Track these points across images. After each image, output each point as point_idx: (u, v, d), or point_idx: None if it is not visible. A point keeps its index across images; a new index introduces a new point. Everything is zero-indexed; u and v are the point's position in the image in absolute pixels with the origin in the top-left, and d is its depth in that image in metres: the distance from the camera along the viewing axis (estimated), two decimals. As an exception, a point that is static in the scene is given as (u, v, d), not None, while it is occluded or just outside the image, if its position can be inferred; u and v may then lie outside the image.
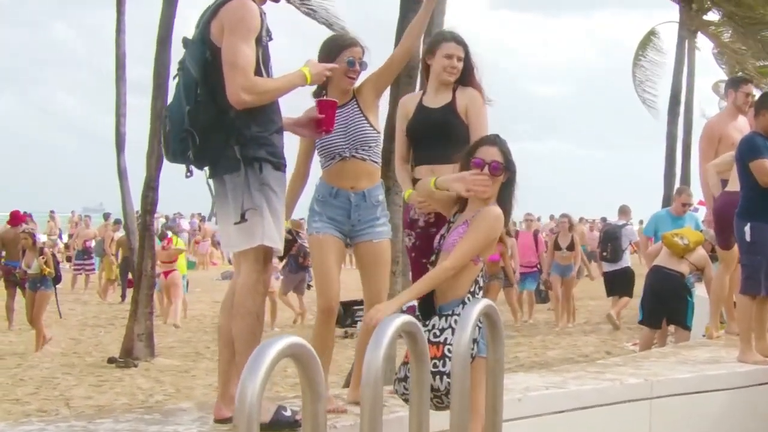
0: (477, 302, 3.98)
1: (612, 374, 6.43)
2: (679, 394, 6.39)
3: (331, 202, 5.35)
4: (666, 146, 22.65)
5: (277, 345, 2.86)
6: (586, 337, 15.43)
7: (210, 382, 11.48)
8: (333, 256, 5.32)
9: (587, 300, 22.52)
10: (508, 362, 12.51)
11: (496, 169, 4.72)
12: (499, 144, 4.81)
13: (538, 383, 6.03)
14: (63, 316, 18.54)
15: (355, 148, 5.35)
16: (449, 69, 5.57)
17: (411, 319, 3.51)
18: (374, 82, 5.49)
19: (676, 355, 7.53)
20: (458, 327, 3.88)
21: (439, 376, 4.40)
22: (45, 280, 14.62)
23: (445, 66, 5.57)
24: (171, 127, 4.71)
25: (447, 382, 4.33)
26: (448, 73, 5.58)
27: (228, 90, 4.55)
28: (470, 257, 4.63)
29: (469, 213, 4.78)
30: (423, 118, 5.70)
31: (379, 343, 3.31)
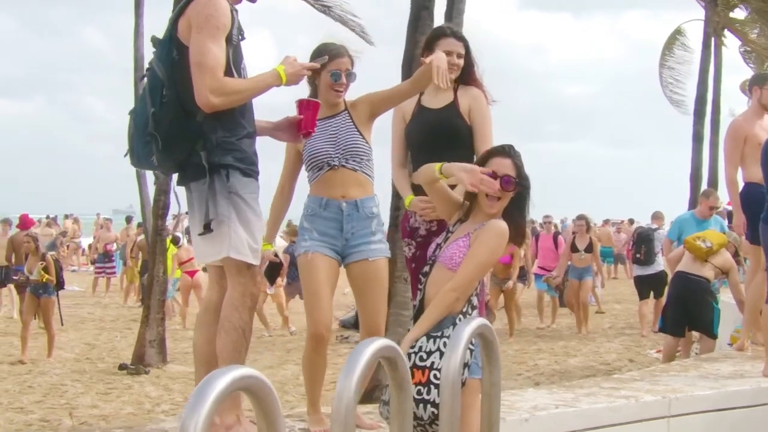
0: (469, 322, 3.63)
1: (628, 390, 6.06)
2: (699, 412, 6.01)
3: (321, 215, 5.01)
4: (692, 147, 22.08)
5: (225, 377, 2.52)
6: (609, 344, 15.01)
7: (220, 390, 11.17)
8: (324, 277, 4.96)
9: (613, 304, 22.10)
10: (527, 370, 12.30)
11: (508, 183, 4.37)
12: (513, 156, 4.45)
13: (547, 401, 5.67)
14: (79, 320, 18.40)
15: (345, 158, 5.01)
16: (449, 66, 5.24)
17: (389, 343, 3.16)
18: (372, 104, 5.13)
19: (698, 369, 7.14)
20: (448, 349, 3.53)
21: (423, 404, 4.06)
22: (47, 286, 14.33)
23: None
24: (135, 130, 4.47)
25: (431, 411, 4.02)
26: (449, 70, 5.26)
27: (195, 92, 4.28)
28: (477, 278, 4.31)
29: (471, 225, 4.44)
30: (423, 119, 5.38)
31: (352, 371, 2.96)
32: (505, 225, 4.34)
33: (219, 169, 4.37)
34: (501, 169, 4.37)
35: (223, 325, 4.41)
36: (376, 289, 5.05)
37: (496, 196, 4.35)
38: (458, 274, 4.26)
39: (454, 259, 4.32)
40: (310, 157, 5.04)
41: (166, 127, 4.33)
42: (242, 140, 4.46)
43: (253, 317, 4.54)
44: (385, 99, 5.13)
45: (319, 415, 5.00)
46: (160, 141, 4.33)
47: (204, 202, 4.39)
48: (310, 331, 4.97)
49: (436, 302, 4.27)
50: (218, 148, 4.37)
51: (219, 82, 4.26)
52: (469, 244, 4.31)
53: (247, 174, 4.46)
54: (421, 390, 4.07)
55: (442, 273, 4.37)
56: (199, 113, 4.32)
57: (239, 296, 4.42)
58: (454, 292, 4.23)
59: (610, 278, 31.51)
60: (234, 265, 4.44)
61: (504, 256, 14.78)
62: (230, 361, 4.34)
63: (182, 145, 4.37)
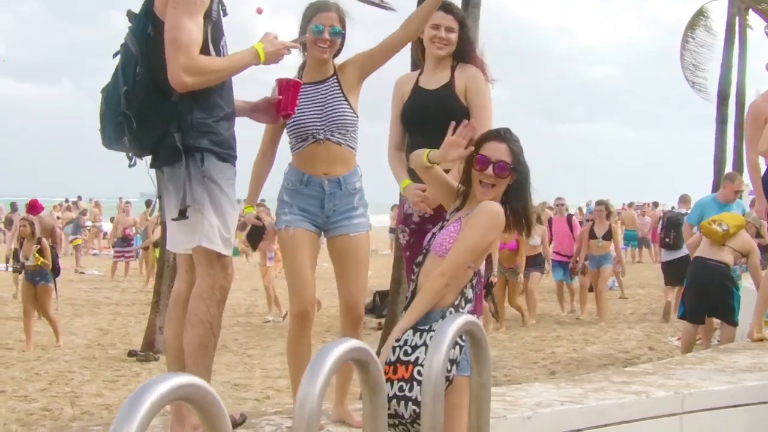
0: (455, 318, 3.34)
1: (639, 385, 5.76)
2: (714, 409, 5.70)
3: (302, 191, 4.80)
4: (716, 129, 21.60)
5: (162, 385, 2.24)
6: (630, 330, 14.68)
7: (228, 378, 10.98)
8: (306, 252, 4.78)
9: (636, 288, 21.75)
10: (544, 358, 11.99)
11: (502, 170, 4.08)
12: (509, 140, 4.15)
13: (552, 397, 5.38)
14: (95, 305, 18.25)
15: (330, 131, 4.79)
16: (436, 40, 4.95)
17: (359, 344, 2.89)
18: (361, 63, 4.91)
19: (714, 361, 6.82)
20: (431, 348, 3.26)
21: (404, 401, 3.79)
22: (44, 273, 14.05)
23: (432, 37, 4.97)
24: (106, 109, 4.23)
25: (413, 409, 3.75)
26: (436, 45, 4.98)
27: (168, 70, 4.03)
28: (468, 261, 4.01)
29: (465, 211, 4.16)
30: (419, 101, 5.10)
31: (315, 376, 2.69)
32: (498, 206, 4.06)
33: (194, 153, 4.14)
34: (495, 155, 4.09)
35: (190, 318, 4.18)
36: (356, 264, 4.85)
37: (490, 183, 4.07)
38: (447, 258, 3.99)
39: (444, 246, 4.04)
40: (294, 127, 4.84)
41: (139, 106, 4.10)
42: (219, 122, 4.22)
43: (223, 310, 4.29)
44: (375, 54, 4.89)
45: None
46: (134, 121, 4.08)
47: (180, 186, 4.16)
48: (295, 309, 4.79)
49: (425, 290, 4.01)
50: (193, 129, 4.14)
51: (193, 60, 4.02)
52: (459, 230, 4.03)
53: (224, 159, 4.22)
54: (404, 386, 3.80)
55: (434, 262, 4.10)
56: (174, 93, 4.07)
57: (208, 288, 4.18)
58: (443, 277, 3.95)
59: (634, 262, 31.13)
60: (204, 254, 4.20)
61: (510, 242, 14.38)
62: (197, 357, 4.14)
63: (156, 126, 4.14)
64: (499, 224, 4.07)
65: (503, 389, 5.72)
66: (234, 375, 11.26)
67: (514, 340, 13.79)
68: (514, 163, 4.09)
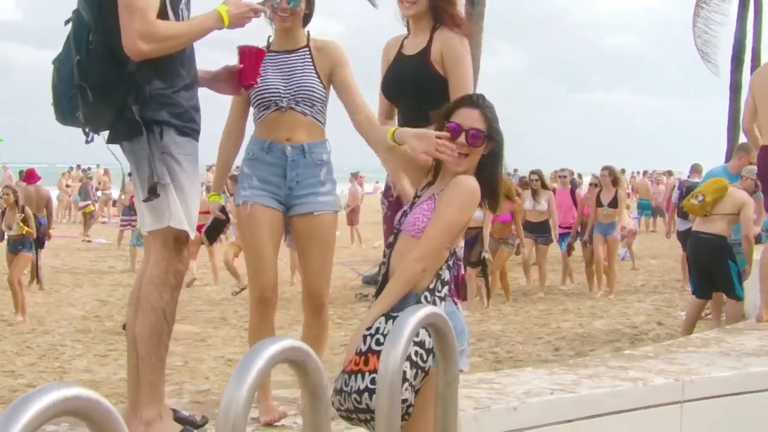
0: (417, 309, 2.97)
1: (637, 371, 5.39)
2: (717, 397, 5.33)
3: (262, 159, 4.45)
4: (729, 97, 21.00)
5: (44, 398, 1.90)
6: (639, 303, 14.30)
7: (223, 353, 10.73)
8: (266, 232, 4.43)
9: (648, 259, 21.32)
10: (549, 333, 11.63)
11: (475, 138, 3.70)
12: (483, 107, 3.78)
13: (543, 384, 5.02)
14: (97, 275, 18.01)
15: (295, 100, 4.45)
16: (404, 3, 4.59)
17: (295, 343, 2.54)
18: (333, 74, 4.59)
19: (719, 343, 6.43)
20: (387, 344, 2.90)
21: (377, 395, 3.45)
22: (26, 241, 13.71)
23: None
24: (59, 81, 3.88)
25: None
26: (404, 4, 4.59)
27: (123, 37, 3.71)
28: (445, 242, 3.65)
29: (437, 187, 3.79)
30: (395, 68, 4.74)
31: (242, 380, 2.35)
32: (473, 181, 3.70)
33: (152, 126, 3.80)
34: (467, 122, 3.72)
35: (141, 305, 3.87)
36: (321, 247, 4.51)
37: (463, 153, 3.70)
38: (422, 239, 3.63)
39: (417, 225, 3.68)
40: (257, 94, 4.49)
41: (95, 77, 3.78)
42: (180, 92, 3.89)
43: (177, 297, 3.95)
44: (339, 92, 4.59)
45: (269, 402, 4.43)
46: (89, 93, 3.74)
47: (141, 163, 3.84)
48: (255, 295, 4.47)
49: (399, 274, 3.65)
50: (152, 101, 3.81)
51: (149, 26, 3.70)
52: (433, 208, 3.67)
53: (184, 132, 3.89)
54: (376, 378, 3.46)
55: (407, 242, 3.74)
56: (132, 61, 3.73)
57: (161, 273, 3.86)
58: (420, 261, 3.60)
59: (648, 231, 30.64)
60: (160, 236, 3.87)
61: (503, 215, 13.90)
62: (149, 347, 3.85)
63: (112, 98, 3.81)
64: (476, 200, 3.72)
65: (492, 375, 5.37)
66: (229, 350, 10.98)
67: (519, 314, 13.45)
68: (489, 131, 3.73)
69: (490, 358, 10.05)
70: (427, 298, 3.64)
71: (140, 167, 3.84)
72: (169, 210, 3.83)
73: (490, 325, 12.41)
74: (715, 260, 9.53)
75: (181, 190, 3.86)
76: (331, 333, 11.66)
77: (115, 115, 3.83)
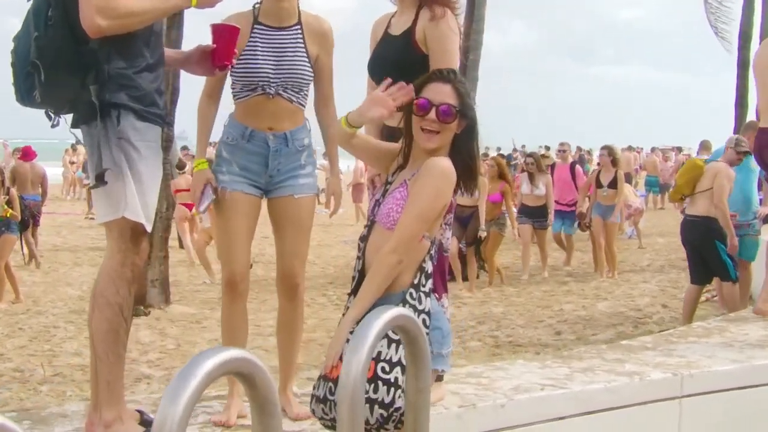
0: (383, 311, 2.72)
1: (634, 364, 5.14)
2: (718, 391, 5.08)
3: (243, 147, 4.25)
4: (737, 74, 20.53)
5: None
6: (644, 284, 14.03)
7: (217, 336, 10.34)
8: (243, 220, 4.27)
9: (656, 237, 21.02)
10: (550, 316, 11.38)
11: (446, 114, 3.48)
12: (454, 81, 3.56)
13: (534, 379, 4.78)
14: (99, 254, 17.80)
15: (284, 86, 4.23)
16: None
17: (242, 353, 2.29)
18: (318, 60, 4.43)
19: (722, 333, 6.17)
20: (349, 350, 2.65)
21: (368, 404, 3.26)
22: (9, 223, 13.40)
23: None
24: (16, 59, 3.64)
25: (380, 413, 3.27)
26: None
27: (81, 12, 3.46)
28: (420, 231, 3.42)
29: (409, 171, 3.55)
30: (380, 50, 4.50)
31: (178, 394, 2.11)
32: (446, 162, 3.49)
33: (109, 110, 3.54)
34: (438, 97, 3.51)
35: (96, 300, 3.65)
36: (299, 230, 4.35)
37: (434, 130, 3.47)
38: (396, 229, 3.41)
39: (391, 216, 3.46)
40: (243, 73, 4.25)
41: (52, 55, 3.53)
42: (141, 73, 3.64)
43: (134, 291, 3.72)
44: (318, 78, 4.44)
45: (236, 397, 4.21)
46: (43, 72, 3.50)
47: (96, 149, 3.60)
48: (224, 279, 4.32)
49: (375, 270, 3.44)
50: (111, 82, 3.57)
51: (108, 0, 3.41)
52: (406, 196, 3.43)
53: (144, 117, 3.64)
54: (366, 387, 3.25)
55: (382, 235, 3.52)
56: (92, 39, 3.47)
57: (117, 266, 3.63)
58: (394, 253, 3.39)
59: (656, 209, 30.31)
60: (117, 227, 3.63)
61: (493, 194, 13.56)
62: (106, 344, 3.66)
63: (70, 78, 3.57)
64: (451, 183, 3.50)
65: (481, 368, 5.12)
66: (223, 332, 10.74)
67: (522, 295, 13.20)
68: (461, 107, 3.49)
69: (489, 343, 9.82)
70: (413, 296, 3.47)
71: (93, 153, 3.61)
72: (125, 200, 3.60)
73: (491, 307, 12.17)
74: (703, 242, 9.32)
75: (139, 180, 3.62)
76: (331, 315, 11.49)
77: (73, 96, 3.59)
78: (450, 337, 3.68)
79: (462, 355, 9.11)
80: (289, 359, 4.45)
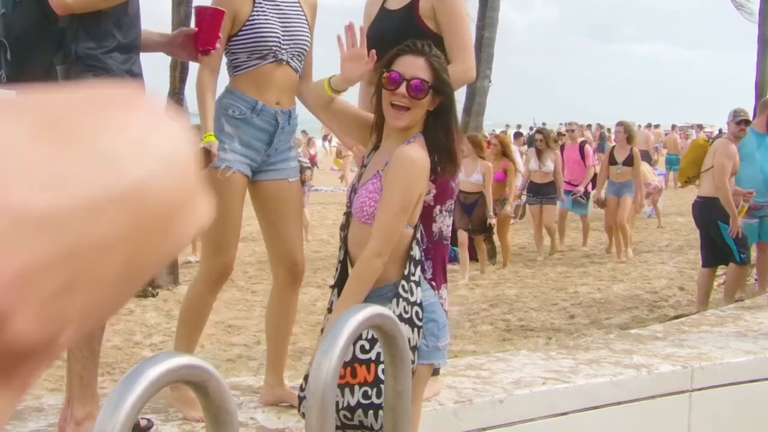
0: (357, 311, 2.51)
1: (642, 356, 4.93)
2: (730, 384, 4.86)
3: (251, 122, 4.00)
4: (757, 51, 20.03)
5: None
6: (662, 266, 13.75)
7: (223, 318, 10.31)
8: (241, 204, 4.07)
9: (675, 217, 20.71)
10: (564, 299, 11.14)
11: (418, 89, 3.24)
12: (429, 55, 3.32)
13: (536, 372, 4.58)
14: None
15: (292, 54, 4.02)
16: None
17: (194, 361, 2.10)
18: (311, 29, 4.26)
19: (736, 321, 5.93)
20: (318, 352, 2.45)
21: (372, 410, 3.12)
22: None
23: None
24: None
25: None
26: None
27: None
28: (400, 226, 3.21)
29: (382, 156, 3.33)
30: (378, 27, 4.24)
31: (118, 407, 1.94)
32: (416, 149, 3.26)
33: None
34: (409, 71, 3.27)
35: None
36: (295, 214, 4.19)
37: (404, 106, 3.24)
38: (376, 230, 3.21)
39: (365, 211, 3.25)
40: (255, 39, 4.00)
41: (18, 32, 3.36)
42: (111, 53, 3.45)
43: None
44: None
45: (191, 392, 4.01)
46: (9, 50, 3.31)
47: None
48: (216, 269, 4.07)
49: (358, 276, 3.24)
50: (78, 62, 3.37)
51: None
52: (380, 188, 3.22)
53: None
54: (369, 392, 3.11)
55: (360, 230, 3.32)
56: (62, 17, 3.29)
57: None
58: (379, 257, 3.18)
59: (676, 187, 29.84)
60: None
61: (495, 172, 13.19)
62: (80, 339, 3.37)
63: (36, 57, 3.39)
64: (423, 170, 3.28)
65: (482, 360, 4.92)
66: (231, 314, 10.57)
67: (537, 277, 12.96)
68: (435, 82, 3.25)
69: (500, 327, 9.60)
70: (404, 288, 3.25)
71: None
72: None
73: (505, 289, 11.95)
74: (708, 224, 9.06)
75: None
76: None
77: (41, 76, 3.40)
78: (446, 330, 3.49)
79: (472, 339, 8.91)
80: (284, 349, 4.27)
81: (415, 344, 3.18)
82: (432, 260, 3.93)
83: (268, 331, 4.36)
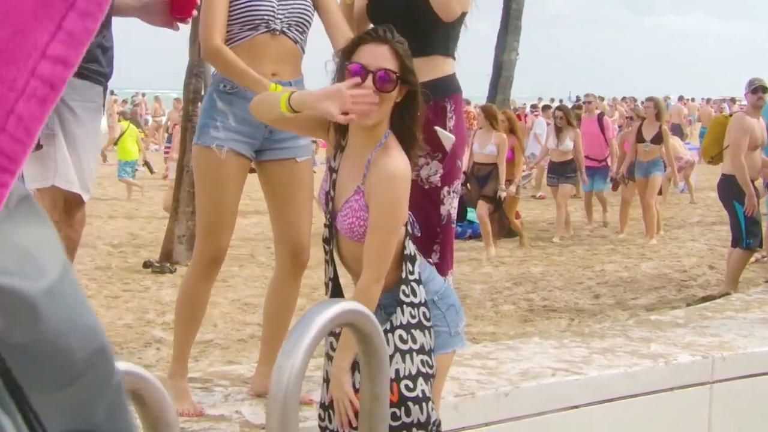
0: (322, 309, 2.26)
1: (660, 344, 4.66)
2: (753, 376, 4.58)
3: (245, 96, 3.68)
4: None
5: None
6: (692, 243, 13.42)
7: (240, 296, 10.15)
8: (235, 186, 3.83)
9: (708, 191, 20.24)
10: (590, 278, 10.86)
11: (385, 81, 2.92)
12: (392, 42, 2.98)
13: (547, 362, 4.32)
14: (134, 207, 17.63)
15: (288, 23, 3.75)
16: None
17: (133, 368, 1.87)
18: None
19: (762, 307, 5.64)
20: (281, 354, 2.20)
21: (406, 429, 2.89)
22: None
23: None
24: None
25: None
26: None
27: None
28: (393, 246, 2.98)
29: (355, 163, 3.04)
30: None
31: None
32: (396, 162, 2.97)
33: None
34: (374, 62, 2.94)
35: None
36: (305, 196, 3.94)
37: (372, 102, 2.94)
38: (368, 259, 2.95)
39: (355, 231, 3.00)
40: (247, 9, 3.74)
41: None
42: None
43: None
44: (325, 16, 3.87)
45: (184, 384, 3.80)
46: None
47: None
48: (208, 254, 3.85)
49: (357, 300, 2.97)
50: None
51: None
52: (365, 205, 2.94)
53: (82, 75, 3.20)
54: (397, 413, 2.87)
55: (354, 247, 3.04)
56: None
57: None
58: (378, 282, 2.95)
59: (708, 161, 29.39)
60: (49, 196, 3.21)
61: None
62: None
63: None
64: (408, 178, 3.03)
65: (490, 348, 4.66)
66: (248, 292, 10.38)
67: (564, 254, 12.66)
68: (401, 71, 2.94)
69: (523, 307, 9.33)
70: (405, 292, 3.03)
71: None
72: (56, 166, 3.20)
73: (530, 267, 11.68)
74: (726, 202, 8.75)
75: (74, 144, 3.21)
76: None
77: None
78: (461, 315, 3.24)
79: (492, 320, 8.65)
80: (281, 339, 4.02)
81: (430, 347, 2.99)
82: (440, 244, 3.68)
83: (265, 319, 4.14)
